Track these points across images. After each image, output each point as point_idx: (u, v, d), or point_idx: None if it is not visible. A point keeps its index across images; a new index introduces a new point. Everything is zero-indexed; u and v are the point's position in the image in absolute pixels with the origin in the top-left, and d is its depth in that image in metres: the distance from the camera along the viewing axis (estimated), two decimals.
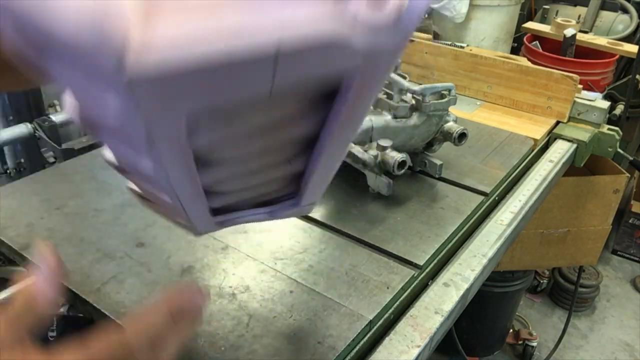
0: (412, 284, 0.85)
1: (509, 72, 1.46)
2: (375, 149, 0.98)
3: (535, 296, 2.64)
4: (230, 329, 0.73)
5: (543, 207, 1.45)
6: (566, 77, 1.38)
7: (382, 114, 1.01)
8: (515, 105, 1.47)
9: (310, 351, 0.71)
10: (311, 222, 0.97)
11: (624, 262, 2.89)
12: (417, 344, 0.75)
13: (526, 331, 2.34)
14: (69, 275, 0.81)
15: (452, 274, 0.89)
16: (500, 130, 1.35)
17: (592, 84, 2.02)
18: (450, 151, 1.17)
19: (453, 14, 1.99)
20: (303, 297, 0.79)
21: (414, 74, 1.60)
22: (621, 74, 2.41)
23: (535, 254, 1.78)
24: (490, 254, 0.94)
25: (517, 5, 2.14)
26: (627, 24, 2.51)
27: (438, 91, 1.02)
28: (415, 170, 1.13)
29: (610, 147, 1.40)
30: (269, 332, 0.73)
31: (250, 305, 0.77)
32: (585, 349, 2.37)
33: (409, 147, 1.04)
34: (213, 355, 0.69)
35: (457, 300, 0.83)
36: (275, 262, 0.86)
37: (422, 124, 1.02)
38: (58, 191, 1.01)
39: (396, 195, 1.04)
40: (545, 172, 1.22)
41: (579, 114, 1.43)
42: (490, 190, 1.08)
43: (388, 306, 0.80)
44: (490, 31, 2.09)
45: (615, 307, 2.61)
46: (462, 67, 1.53)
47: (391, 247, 0.91)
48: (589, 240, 1.73)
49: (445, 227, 0.97)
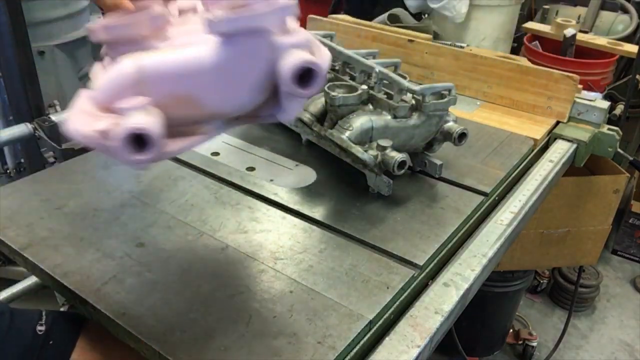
0: (412, 284, 0.85)
1: (509, 72, 1.46)
2: (375, 149, 0.98)
3: (535, 296, 2.64)
4: (230, 328, 0.73)
5: (543, 207, 1.45)
6: (566, 77, 1.38)
7: (382, 114, 1.01)
8: (515, 105, 1.47)
9: (310, 351, 0.71)
10: (311, 222, 0.97)
11: (624, 262, 2.89)
12: (417, 344, 0.75)
13: (526, 331, 2.34)
14: (69, 275, 0.81)
15: (452, 274, 0.89)
16: (500, 130, 1.35)
17: (592, 84, 2.02)
18: (450, 151, 1.17)
19: (453, 14, 2.00)
20: (303, 297, 0.79)
21: (414, 74, 1.60)
22: (621, 74, 2.41)
23: (535, 254, 1.78)
24: (490, 254, 0.94)
25: (517, 5, 2.15)
26: (627, 24, 2.51)
27: (438, 91, 1.02)
28: (415, 170, 1.13)
29: (610, 147, 1.40)
30: (269, 332, 0.73)
31: (250, 305, 0.77)
32: (585, 349, 2.37)
33: (409, 147, 1.04)
34: (213, 354, 0.69)
35: (457, 300, 0.83)
36: (275, 262, 0.86)
37: (422, 124, 1.02)
38: (58, 191, 1.01)
39: (396, 195, 1.04)
40: (545, 172, 1.22)
41: (579, 114, 1.43)
42: (490, 190, 1.08)
43: (388, 306, 0.80)
44: (490, 31, 2.09)
45: (615, 307, 2.61)
46: (462, 67, 1.53)
47: (391, 247, 0.91)
48: (589, 240, 1.73)
49: (445, 227, 0.97)
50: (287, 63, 0.55)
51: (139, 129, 0.52)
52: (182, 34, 0.62)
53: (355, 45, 1.66)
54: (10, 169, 2.20)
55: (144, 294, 0.78)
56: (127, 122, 0.52)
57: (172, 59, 0.57)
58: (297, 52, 0.56)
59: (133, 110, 0.54)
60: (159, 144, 0.53)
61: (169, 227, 0.91)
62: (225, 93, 0.60)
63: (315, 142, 1.17)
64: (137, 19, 0.60)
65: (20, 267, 0.89)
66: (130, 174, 1.07)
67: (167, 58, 0.57)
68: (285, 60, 0.55)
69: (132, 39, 0.60)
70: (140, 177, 1.06)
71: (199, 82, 0.58)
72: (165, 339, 0.71)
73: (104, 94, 0.56)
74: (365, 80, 1.08)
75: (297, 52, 0.56)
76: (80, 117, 0.56)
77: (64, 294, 0.82)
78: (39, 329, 0.87)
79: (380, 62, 1.09)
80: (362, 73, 1.08)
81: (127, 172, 1.08)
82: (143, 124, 0.52)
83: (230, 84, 0.59)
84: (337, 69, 1.15)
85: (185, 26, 0.64)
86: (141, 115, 0.54)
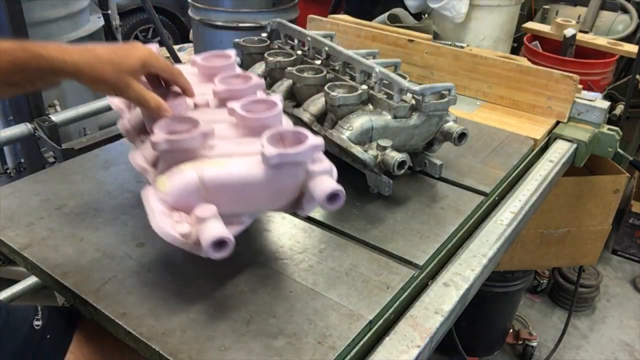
0: (412, 284, 0.85)
1: (509, 72, 1.46)
2: (375, 149, 0.98)
3: (535, 296, 2.64)
4: (231, 328, 0.73)
5: (543, 207, 1.45)
6: (566, 77, 1.38)
7: (382, 114, 1.01)
8: (515, 105, 1.47)
9: (310, 351, 0.71)
10: (311, 222, 0.96)
11: (624, 262, 2.89)
12: (417, 344, 0.75)
13: (526, 331, 2.34)
14: (69, 275, 0.81)
15: (452, 274, 0.89)
16: (500, 130, 1.35)
17: (592, 84, 2.02)
18: (450, 151, 1.17)
19: (453, 14, 1.99)
20: (303, 297, 0.79)
21: (414, 74, 1.60)
22: (621, 74, 2.41)
23: (535, 254, 1.78)
24: (490, 254, 0.94)
25: (517, 5, 2.14)
26: (627, 24, 2.51)
27: (438, 91, 1.02)
28: (415, 170, 1.13)
29: (610, 147, 1.40)
30: (269, 332, 0.73)
31: (250, 305, 0.77)
32: (585, 349, 2.37)
33: (409, 147, 1.04)
34: (213, 354, 0.69)
35: (457, 300, 0.83)
36: (275, 262, 0.86)
37: (422, 124, 1.02)
38: (58, 191, 1.01)
39: (396, 195, 1.04)
40: (545, 172, 1.22)
41: (579, 114, 1.43)
42: (490, 190, 1.08)
43: (388, 306, 0.80)
44: (490, 31, 2.09)
45: (615, 307, 2.61)
46: (462, 67, 1.53)
47: (391, 247, 0.91)
48: (589, 240, 1.73)
49: (445, 227, 0.97)
50: (322, 188, 0.74)
51: (222, 237, 0.69)
52: (218, 139, 0.80)
53: (355, 45, 1.66)
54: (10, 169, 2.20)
55: (144, 294, 0.78)
56: (212, 231, 0.69)
57: (229, 172, 0.74)
58: (327, 180, 0.76)
59: (211, 219, 0.71)
60: (233, 244, 0.70)
61: None
62: (268, 200, 0.79)
63: None
64: (192, 135, 0.76)
65: (20, 267, 0.89)
66: (130, 174, 1.07)
67: (225, 171, 0.74)
68: (320, 185, 0.75)
69: (186, 149, 0.76)
70: (140, 177, 1.06)
71: (250, 192, 0.76)
72: (165, 339, 0.71)
73: (174, 198, 0.73)
74: (365, 80, 1.08)
75: (328, 180, 0.76)
76: (162, 219, 0.71)
77: (64, 294, 0.82)
78: (35, 324, 0.87)
79: (380, 62, 1.09)
80: (362, 73, 1.08)
81: (127, 172, 1.08)
82: (225, 234, 0.69)
83: (273, 194, 0.78)
84: (337, 69, 1.15)
85: (207, 116, 0.83)
86: (219, 224, 0.71)
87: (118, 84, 0.77)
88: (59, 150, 1.27)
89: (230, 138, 0.82)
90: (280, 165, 0.74)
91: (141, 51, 0.80)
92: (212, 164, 0.75)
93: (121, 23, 3.23)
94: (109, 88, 0.78)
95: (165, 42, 2.73)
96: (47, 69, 0.73)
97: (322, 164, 0.78)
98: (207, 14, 2.43)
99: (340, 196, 0.75)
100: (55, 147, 1.29)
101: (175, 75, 0.86)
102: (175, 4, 4.51)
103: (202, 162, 0.75)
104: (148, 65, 0.81)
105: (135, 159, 0.89)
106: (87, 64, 0.75)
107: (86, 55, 0.75)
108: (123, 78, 0.77)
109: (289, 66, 1.15)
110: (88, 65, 0.75)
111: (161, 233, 0.71)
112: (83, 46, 0.77)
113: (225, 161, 0.76)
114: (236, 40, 1.34)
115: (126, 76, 0.78)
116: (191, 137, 0.76)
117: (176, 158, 0.76)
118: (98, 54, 0.76)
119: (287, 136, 0.79)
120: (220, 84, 0.91)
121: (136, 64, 0.79)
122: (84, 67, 0.75)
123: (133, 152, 0.90)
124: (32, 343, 0.86)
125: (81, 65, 0.74)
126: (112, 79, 0.76)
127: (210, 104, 0.91)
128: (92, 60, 0.75)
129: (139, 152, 0.89)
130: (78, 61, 0.74)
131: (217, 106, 0.91)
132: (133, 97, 0.80)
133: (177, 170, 0.74)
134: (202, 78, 0.98)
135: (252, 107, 0.85)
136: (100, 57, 0.76)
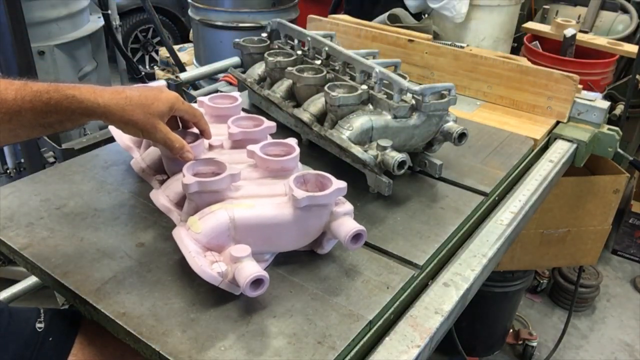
0: (412, 284, 0.85)
1: (509, 72, 1.46)
2: (375, 149, 0.98)
3: (535, 296, 2.64)
4: (230, 328, 0.73)
5: (543, 207, 1.45)
6: (566, 77, 1.38)
7: (382, 114, 1.01)
8: (515, 105, 1.47)
9: (310, 351, 0.71)
10: None
11: (624, 262, 2.89)
12: (417, 344, 0.75)
13: (526, 331, 2.34)
14: (69, 275, 0.81)
15: (452, 274, 0.89)
16: (500, 130, 1.35)
17: (592, 84, 2.02)
18: (450, 151, 1.17)
19: (453, 14, 1.99)
20: (303, 297, 0.79)
21: (414, 74, 1.60)
22: (621, 74, 2.41)
23: (535, 254, 1.78)
24: (490, 254, 0.94)
25: (517, 5, 2.14)
26: (627, 24, 2.51)
27: (438, 91, 1.02)
28: (415, 170, 1.13)
29: (610, 147, 1.40)
30: (268, 331, 0.73)
31: (250, 305, 0.77)
32: (585, 349, 2.37)
33: (409, 147, 1.04)
34: (213, 354, 0.69)
35: (457, 300, 0.83)
36: (275, 262, 0.86)
37: (422, 124, 1.02)
38: (58, 191, 1.01)
39: (396, 195, 1.04)
40: (545, 172, 1.22)
41: (579, 114, 1.43)
42: (490, 190, 1.08)
43: (388, 306, 0.80)
44: (490, 31, 2.09)
45: (615, 307, 2.61)
46: (462, 67, 1.53)
47: (391, 247, 0.91)
48: (589, 240, 1.73)
49: (445, 227, 0.97)
50: (346, 230, 0.80)
51: (259, 276, 0.73)
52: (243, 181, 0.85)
53: (355, 45, 1.66)
54: (10, 169, 2.20)
55: (144, 294, 0.78)
56: (249, 270, 0.73)
57: (258, 213, 0.79)
58: (350, 221, 0.82)
59: (246, 258, 0.75)
60: (268, 282, 0.74)
61: (169, 227, 0.91)
62: (293, 239, 0.84)
63: (315, 142, 1.17)
64: (222, 177, 0.80)
65: (20, 267, 0.89)
66: (130, 174, 1.07)
67: (254, 212, 0.79)
68: (344, 226, 0.80)
69: (216, 191, 0.81)
70: (140, 177, 1.06)
71: (277, 232, 0.81)
72: (165, 339, 0.71)
73: (207, 238, 0.77)
74: (365, 80, 1.08)
75: (350, 221, 0.82)
76: (199, 259, 0.75)
77: (64, 294, 0.82)
78: (38, 326, 0.87)
79: (380, 62, 1.09)
80: (362, 73, 1.08)
81: (127, 172, 1.08)
82: (261, 273, 0.73)
83: (299, 234, 0.83)
84: (337, 69, 1.15)
85: (225, 158, 0.87)
86: (254, 264, 0.75)
87: (147, 126, 0.80)
88: (59, 150, 1.28)
89: (251, 179, 0.87)
90: (308, 207, 0.79)
91: (169, 95, 0.83)
92: (241, 206, 0.80)
93: (121, 23, 3.23)
94: (138, 130, 0.80)
95: (165, 42, 2.73)
96: (79, 111, 0.75)
97: (345, 205, 0.84)
98: (207, 14, 2.44)
99: (363, 236, 0.80)
100: (55, 147, 1.29)
101: (198, 117, 0.90)
102: (175, 4, 4.51)
103: (232, 203, 0.80)
104: (175, 109, 0.84)
105: (158, 200, 0.94)
106: (118, 107, 0.77)
107: (117, 97, 0.77)
108: (151, 121, 0.80)
109: (289, 66, 1.15)
110: (119, 108, 0.77)
111: (200, 272, 0.74)
112: (114, 89, 0.79)
113: (254, 202, 0.81)
114: (236, 40, 1.34)
115: (155, 119, 0.80)
116: (221, 179, 0.80)
117: (204, 199, 0.81)
118: (128, 97, 0.78)
119: (309, 179, 0.85)
120: (234, 127, 0.96)
121: (164, 107, 0.82)
122: (115, 110, 0.77)
123: (155, 193, 0.96)
124: (34, 345, 0.86)
125: (112, 108, 0.77)
126: (141, 121, 0.79)
127: (224, 146, 0.96)
128: (123, 103, 0.77)
129: (161, 193, 0.94)
130: (109, 103, 0.76)
131: (230, 147, 0.97)
132: (160, 139, 0.82)
133: (209, 211, 0.79)
134: (210, 119, 1.02)
135: (270, 150, 0.90)
136: (131, 100, 0.78)
